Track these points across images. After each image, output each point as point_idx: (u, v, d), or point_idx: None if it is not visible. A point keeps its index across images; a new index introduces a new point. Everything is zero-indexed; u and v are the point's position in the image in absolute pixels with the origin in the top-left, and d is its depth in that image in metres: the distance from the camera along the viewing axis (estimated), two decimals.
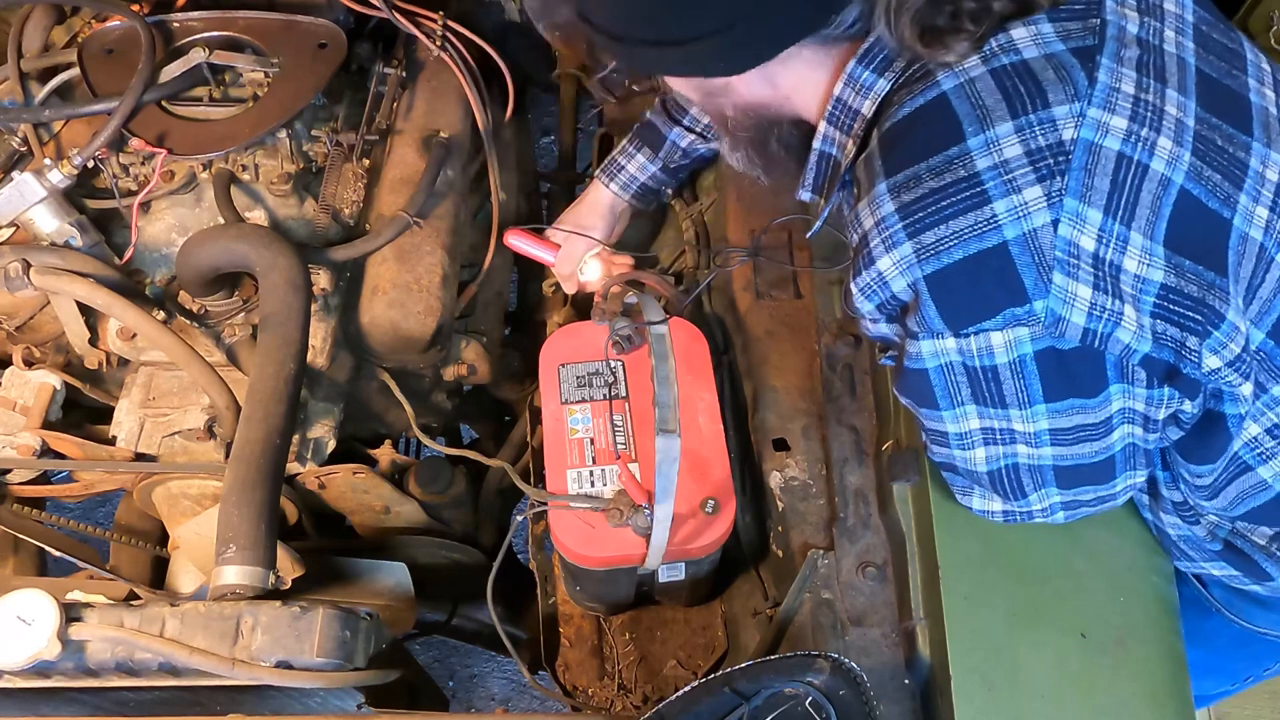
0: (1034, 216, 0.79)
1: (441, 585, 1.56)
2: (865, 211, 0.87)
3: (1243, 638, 1.17)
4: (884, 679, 1.08)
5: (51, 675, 1.02)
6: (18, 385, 1.32)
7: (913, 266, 0.83)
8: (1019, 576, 1.08)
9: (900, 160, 0.85)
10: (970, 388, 0.89)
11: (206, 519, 1.24)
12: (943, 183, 0.82)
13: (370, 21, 1.52)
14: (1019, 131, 0.81)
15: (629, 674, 1.35)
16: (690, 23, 0.86)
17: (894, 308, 0.88)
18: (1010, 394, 0.88)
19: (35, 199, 1.24)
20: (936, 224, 0.82)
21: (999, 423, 0.92)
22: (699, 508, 1.13)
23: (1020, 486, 0.99)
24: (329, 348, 1.29)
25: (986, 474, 0.98)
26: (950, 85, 0.84)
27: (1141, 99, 0.82)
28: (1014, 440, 0.93)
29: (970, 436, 0.94)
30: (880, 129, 0.89)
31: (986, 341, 0.84)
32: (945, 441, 0.97)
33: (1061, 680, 1.03)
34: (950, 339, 0.85)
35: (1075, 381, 0.86)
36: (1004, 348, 0.84)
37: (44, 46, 1.45)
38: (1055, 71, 0.82)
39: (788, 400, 1.27)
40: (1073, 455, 0.94)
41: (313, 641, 1.01)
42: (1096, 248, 0.80)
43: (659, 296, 1.35)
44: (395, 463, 1.43)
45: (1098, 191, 0.80)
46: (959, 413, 0.92)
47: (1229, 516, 1.03)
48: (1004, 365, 0.86)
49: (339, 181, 1.37)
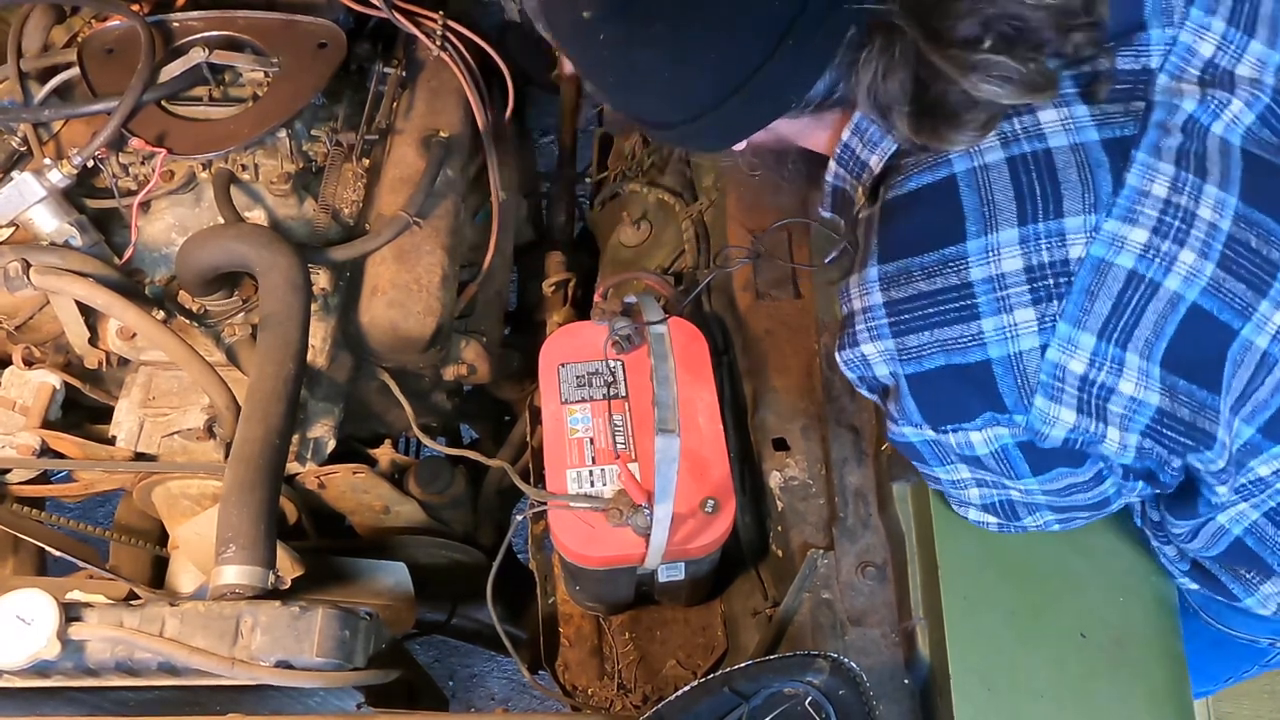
0: (1022, 340, 0.76)
1: (441, 585, 1.56)
2: (854, 290, 0.84)
3: (1219, 639, 1.17)
4: (883, 679, 1.08)
5: (51, 675, 1.02)
6: (17, 385, 1.32)
7: (894, 361, 0.82)
8: (1019, 577, 1.07)
9: (896, 245, 0.82)
10: (958, 455, 0.88)
11: (206, 519, 1.24)
12: (934, 287, 0.79)
13: (370, 21, 1.52)
14: (1023, 243, 0.76)
15: (629, 674, 1.35)
16: (661, 113, 0.84)
17: (876, 385, 0.87)
18: (996, 470, 0.88)
19: (35, 199, 1.24)
20: (921, 329, 0.79)
21: (990, 479, 0.92)
22: (698, 507, 1.13)
23: (1015, 514, 0.99)
24: (329, 347, 1.29)
25: (981, 506, 0.98)
26: (962, 169, 0.79)
27: (1172, 203, 0.76)
28: (1006, 488, 0.93)
29: (964, 483, 0.94)
30: (885, 193, 0.85)
31: (966, 438, 0.83)
32: (938, 482, 0.97)
33: (1061, 680, 1.03)
34: (929, 430, 0.85)
35: (1057, 459, 0.86)
36: (984, 443, 0.83)
37: (44, 46, 1.45)
38: (1078, 170, 0.75)
39: (787, 400, 1.27)
40: (1067, 503, 0.94)
41: (312, 641, 1.01)
42: (1086, 371, 0.77)
43: (658, 296, 1.35)
44: (395, 462, 1.43)
45: (1095, 316, 0.76)
46: (950, 469, 0.92)
47: (1206, 556, 1.02)
48: (986, 455, 0.85)
49: (339, 181, 1.37)
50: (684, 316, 1.33)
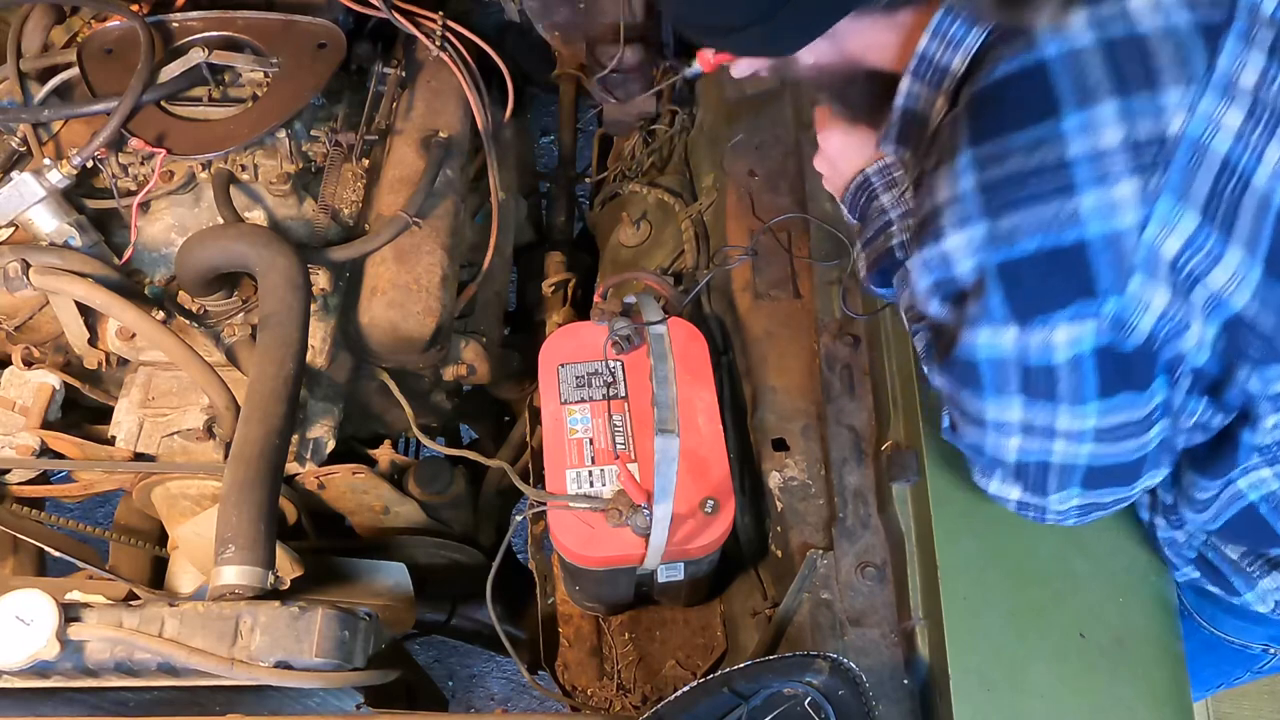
0: (1122, 215, 0.74)
1: (441, 585, 1.56)
2: (942, 181, 0.81)
3: (1212, 643, 1.17)
4: (883, 679, 1.08)
5: (51, 675, 1.02)
6: (17, 385, 1.32)
7: (983, 250, 0.78)
8: (1018, 577, 1.08)
9: (988, 129, 0.79)
10: (1021, 379, 0.85)
11: (205, 519, 1.24)
12: (1030, 165, 0.76)
13: (370, 21, 1.52)
14: (1121, 118, 0.74)
15: (628, 674, 1.35)
16: (726, 16, 0.84)
17: (951, 290, 0.84)
18: (1064, 390, 0.84)
19: (34, 199, 1.24)
20: (1016, 209, 0.77)
21: (1042, 418, 0.87)
22: (698, 508, 1.13)
23: (1044, 483, 0.95)
24: (328, 348, 1.29)
25: (1015, 464, 0.94)
26: (1053, 53, 0.76)
27: (1261, 98, 0.75)
28: (1053, 436, 0.89)
29: (1008, 426, 0.90)
30: (971, 87, 0.82)
31: (1049, 336, 0.80)
32: (981, 424, 0.92)
33: (1060, 681, 1.03)
34: (1012, 330, 0.80)
35: (1129, 376, 0.83)
36: (1066, 344, 0.80)
37: (43, 46, 1.45)
38: (1172, 50, 0.74)
39: (787, 400, 1.27)
40: (1110, 454, 0.90)
41: (312, 642, 1.01)
42: (1181, 252, 0.75)
43: (658, 296, 1.35)
44: (394, 463, 1.43)
45: (1195, 194, 0.74)
46: (1004, 402, 0.88)
47: (1207, 530, 1.02)
48: (1062, 363, 0.82)
49: (338, 181, 1.37)
50: (684, 316, 1.33)
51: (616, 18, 1.60)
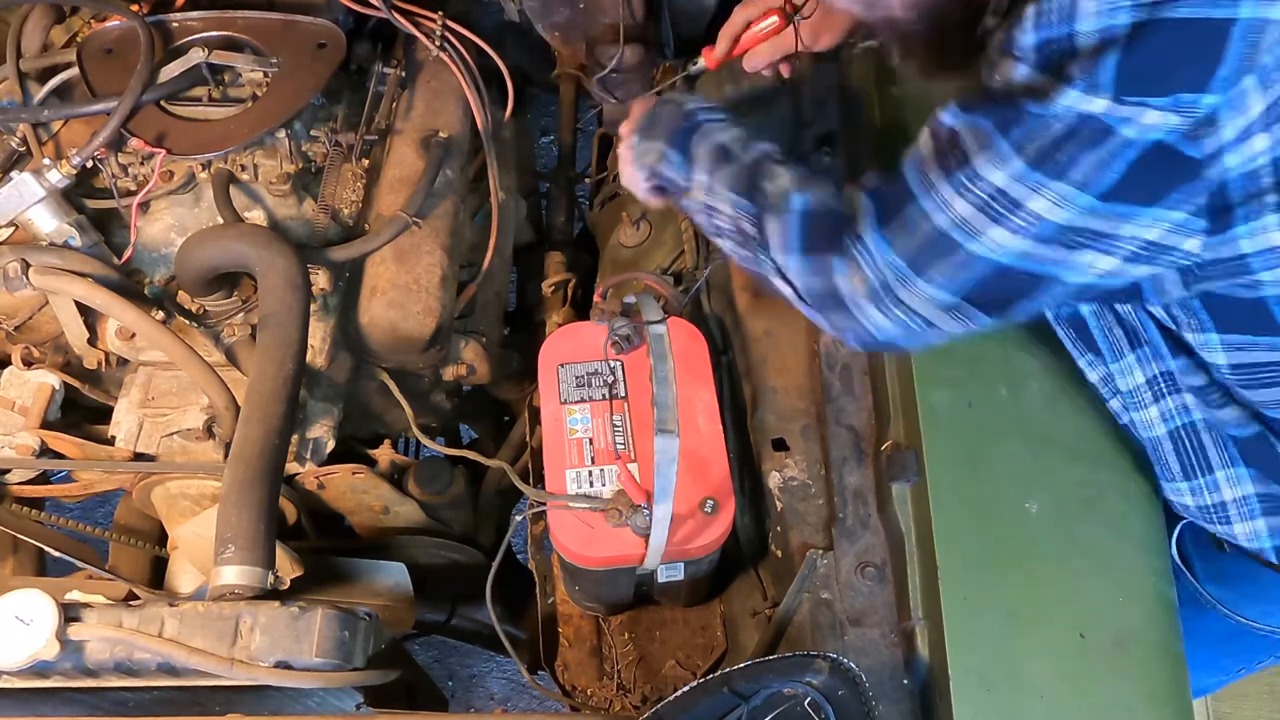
0: (1277, 5, 0.72)
1: (441, 585, 1.56)
2: None
3: (1234, 632, 1.17)
4: (883, 679, 1.08)
5: (50, 675, 1.02)
6: (17, 385, 1.32)
7: (1122, 10, 0.75)
8: (1018, 577, 1.07)
9: None
10: (1049, 147, 0.80)
11: (205, 519, 1.24)
12: None
13: (369, 21, 1.52)
14: None
15: (628, 674, 1.35)
16: None
17: (1056, 50, 0.79)
18: (1083, 172, 0.80)
19: (34, 199, 1.24)
20: None
21: (1026, 193, 0.82)
22: (698, 508, 1.13)
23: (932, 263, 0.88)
24: (328, 348, 1.29)
25: (934, 231, 0.87)
26: None
27: None
28: (1006, 217, 0.83)
29: (982, 186, 0.84)
30: None
31: (1135, 115, 0.77)
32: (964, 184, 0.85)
33: (1060, 681, 1.03)
34: (1103, 100, 0.77)
35: (1146, 188, 0.80)
36: (1140, 129, 0.77)
37: (43, 46, 1.45)
38: None
39: (786, 400, 1.27)
40: (1034, 258, 0.85)
41: (312, 641, 1.01)
42: None
43: (658, 296, 1.35)
44: (394, 463, 1.43)
45: None
46: (1002, 161, 0.82)
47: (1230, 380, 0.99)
48: (1113, 145, 0.78)
49: (338, 181, 1.37)
50: (684, 316, 1.33)
51: (616, 18, 1.60)
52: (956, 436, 1.13)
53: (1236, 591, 1.14)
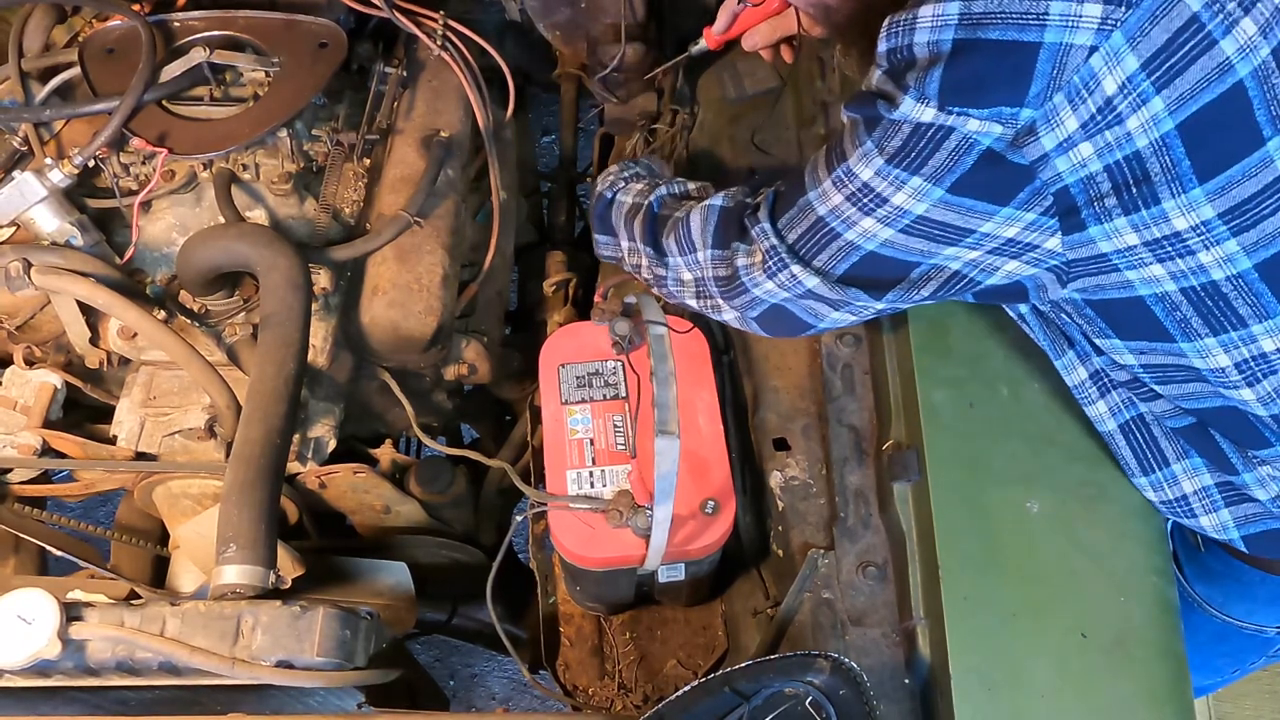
0: (1079, 33, 0.78)
1: (442, 585, 1.56)
2: None
3: (1223, 633, 1.17)
4: (884, 679, 1.08)
5: (52, 674, 1.02)
6: (18, 385, 1.32)
7: (948, 28, 0.82)
8: (1019, 576, 1.08)
9: None
10: (901, 146, 0.88)
11: (207, 518, 1.24)
12: None
13: (371, 21, 1.52)
14: None
15: (629, 674, 1.35)
16: None
17: (900, 60, 0.87)
18: (931, 170, 0.88)
19: (36, 198, 1.24)
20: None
21: (888, 188, 0.91)
22: (699, 508, 1.13)
23: (819, 252, 0.99)
24: (329, 347, 1.29)
25: (818, 218, 0.97)
26: None
27: None
28: (879, 204, 0.92)
29: (852, 179, 0.94)
30: None
31: (960, 124, 0.84)
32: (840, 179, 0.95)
33: (1061, 680, 1.03)
34: (931, 109, 0.85)
35: (991, 189, 0.87)
36: (965, 136, 0.84)
37: (45, 46, 1.45)
38: None
39: (788, 400, 1.27)
40: (897, 246, 0.94)
41: (313, 641, 1.01)
42: (1114, 93, 0.79)
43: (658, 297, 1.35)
44: (396, 462, 1.43)
45: (1149, 42, 0.78)
46: (867, 158, 0.91)
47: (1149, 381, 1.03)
48: (951, 147, 0.86)
49: (339, 181, 1.37)
50: (684, 316, 1.33)
51: (617, 17, 1.60)
52: (958, 436, 1.13)
53: (1221, 590, 1.14)
